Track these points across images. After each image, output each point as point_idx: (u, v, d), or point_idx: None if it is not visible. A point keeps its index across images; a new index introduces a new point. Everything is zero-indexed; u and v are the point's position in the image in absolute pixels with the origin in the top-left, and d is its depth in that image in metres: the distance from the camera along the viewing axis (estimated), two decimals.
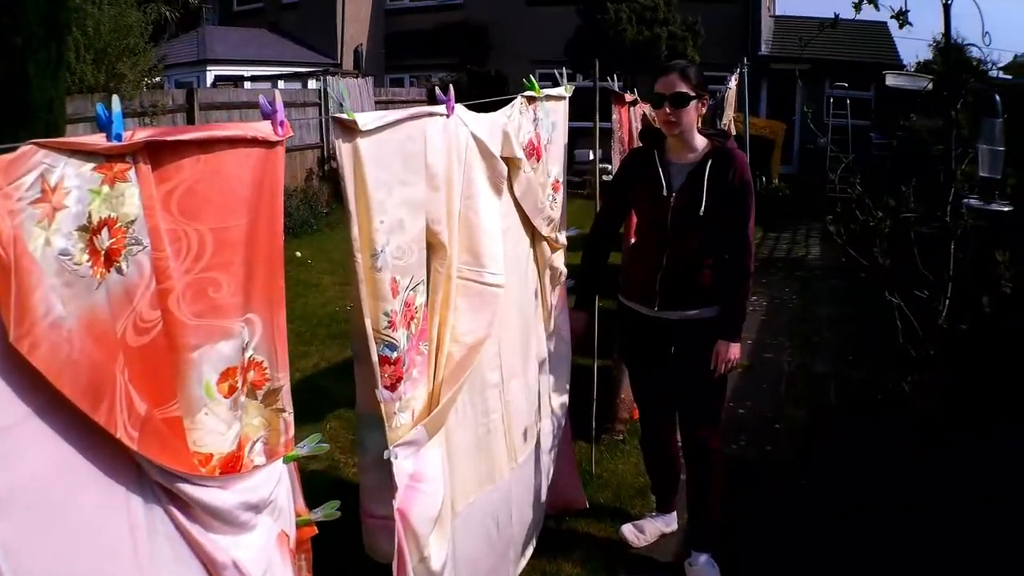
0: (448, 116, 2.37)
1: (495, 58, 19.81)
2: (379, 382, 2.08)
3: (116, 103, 1.37)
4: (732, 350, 3.18)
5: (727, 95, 8.58)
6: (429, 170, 2.27)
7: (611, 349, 4.56)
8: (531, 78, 3.12)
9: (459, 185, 2.47)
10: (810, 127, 16.70)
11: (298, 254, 9.67)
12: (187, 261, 1.52)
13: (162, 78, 12.15)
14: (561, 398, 3.56)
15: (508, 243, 2.82)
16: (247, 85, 16.17)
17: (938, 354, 3.28)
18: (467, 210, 2.55)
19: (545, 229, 3.18)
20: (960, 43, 3.64)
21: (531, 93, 3.06)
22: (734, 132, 7.17)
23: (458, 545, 2.62)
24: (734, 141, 3.30)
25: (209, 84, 17.37)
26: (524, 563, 3.32)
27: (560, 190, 3.34)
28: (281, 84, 16.89)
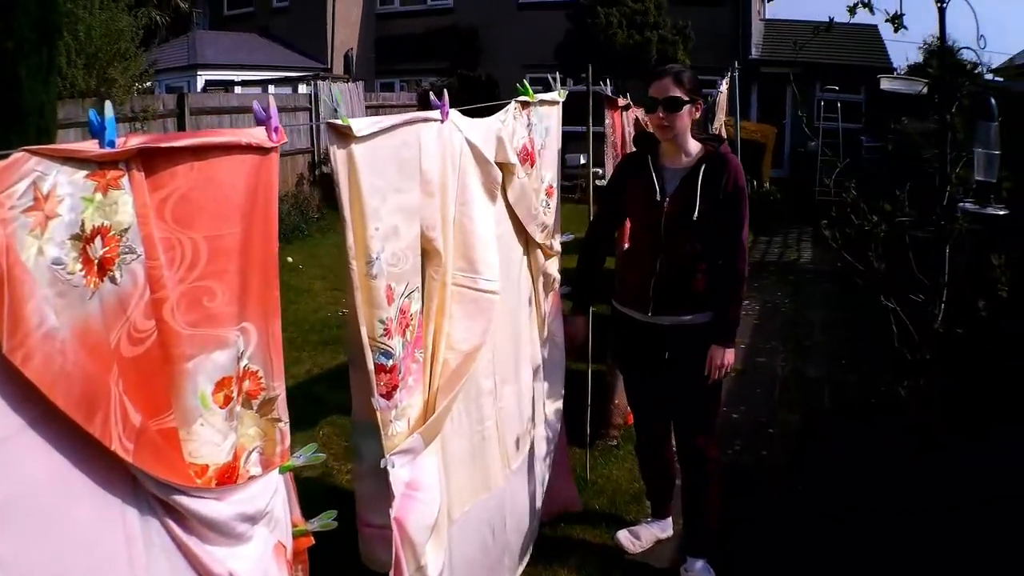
0: (442, 121, 2.36)
1: (485, 62, 19.77)
2: (375, 390, 2.06)
3: (109, 109, 1.34)
4: (726, 355, 3.17)
5: (718, 99, 8.61)
6: (424, 176, 2.26)
7: (605, 354, 4.55)
8: (525, 83, 3.11)
9: (454, 191, 2.46)
10: (801, 131, 16.77)
11: (289, 259, 9.64)
12: (181, 270, 1.50)
13: (153, 83, 12.11)
14: (556, 404, 3.55)
15: (501, 249, 2.81)
16: (237, 90, 16.14)
17: (934, 358, 3.28)
18: (462, 216, 2.54)
19: (539, 236, 3.17)
20: (951, 46, 3.64)
21: (525, 98, 3.05)
22: (725, 136, 7.18)
23: (454, 553, 2.60)
24: (728, 146, 3.30)
25: (199, 89, 17.32)
26: (521, 570, 3.31)
27: (554, 195, 3.33)
28: (271, 89, 16.84)
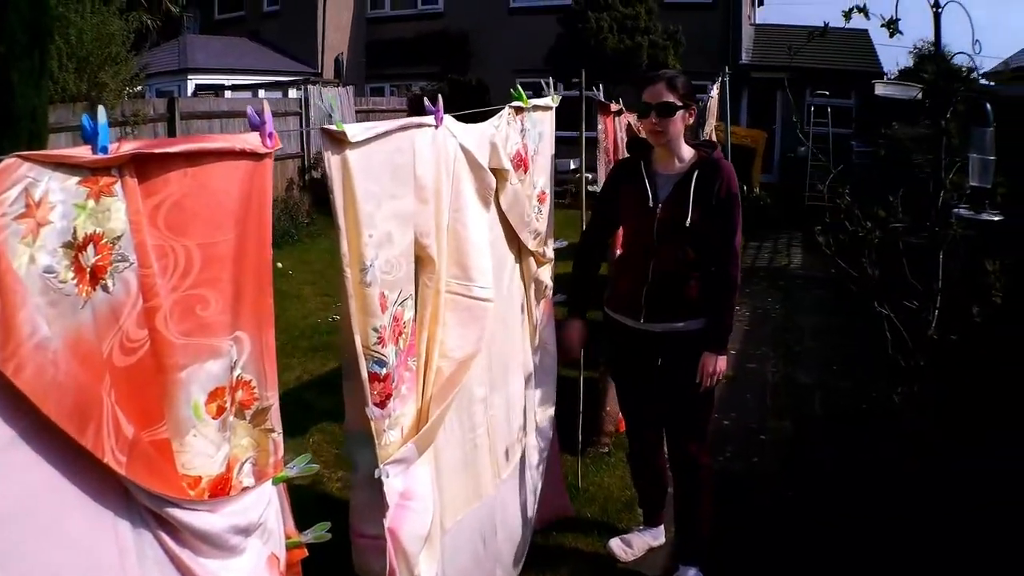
0: (436, 127, 2.35)
1: (476, 67, 19.77)
2: (369, 399, 2.04)
3: (102, 114, 1.32)
4: (719, 362, 3.15)
5: (709, 104, 8.61)
6: (418, 182, 2.24)
7: (597, 361, 4.54)
8: (518, 88, 3.10)
9: (448, 198, 2.44)
10: (791, 136, 16.82)
11: (279, 265, 9.59)
12: (174, 278, 1.48)
13: (143, 87, 12.06)
14: (547, 412, 3.53)
15: (493, 256, 2.79)
16: (227, 94, 16.09)
17: (928, 365, 3.28)
18: (455, 223, 2.52)
19: (531, 243, 3.15)
20: (942, 51, 3.64)
21: (518, 103, 3.03)
22: (715, 141, 7.18)
23: (447, 563, 2.58)
24: (721, 152, 3.29)
25: (190, 93, 17.26)
26: None
27: (546, 202, 3.32)
28: (262, 93, 16.79)
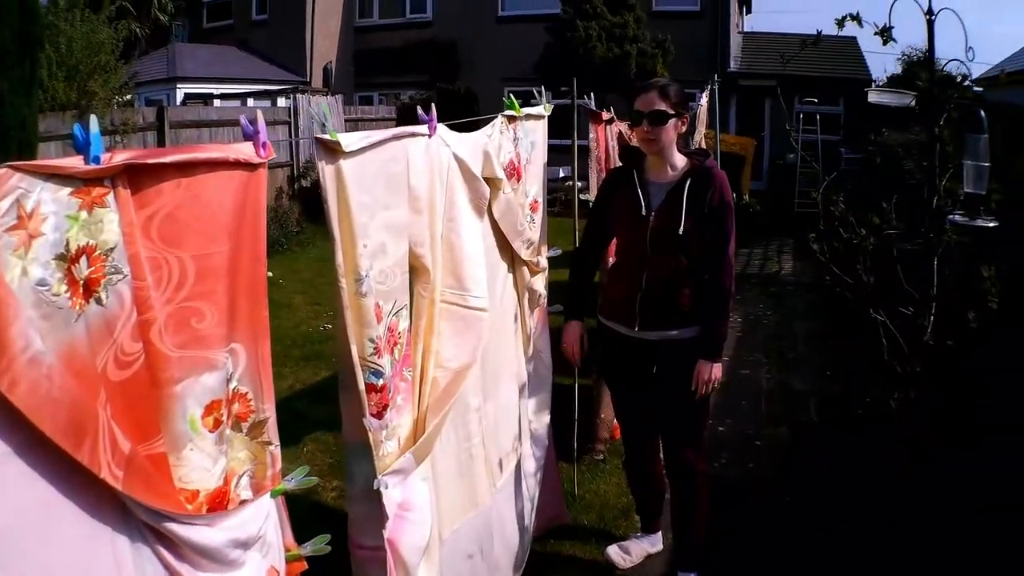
0: (430, 136, 2.34)
1: (464, 75, 19.78)
2: (366, 410, 2.03)
3: (94, 123, 1.30)
4: (714, 370, 3.15)
5: (699, 112, 8.63)
6: (412, 192, 2.23)
7: (591, 368, 4.52)
8: (511, 97, 3.09)
9: (441, 207, 2.43)
10: (779, 143, 16.87)
11: (269, 274, 9.53)
12: (168, 290, 1.47)
13: (132, 95, 12.02)
14: (543, 420, 3.51)
15: (486, 265, 2.78)
16: (216, 103, 16.06)
17: (924, 371, 3.27)
18: (450, 232, 2.51)
19: (525, 252, 3.13)
20: (928, 57, 3.65)
21: (511, 112, 3.03)
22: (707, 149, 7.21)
23: (445, 574, 2.56)
24: (714, 160, 3.28)
25: (179, 102, 17.21)
26: None
27: (539, 210, 3.31)
28: (250, 102, 16.74)
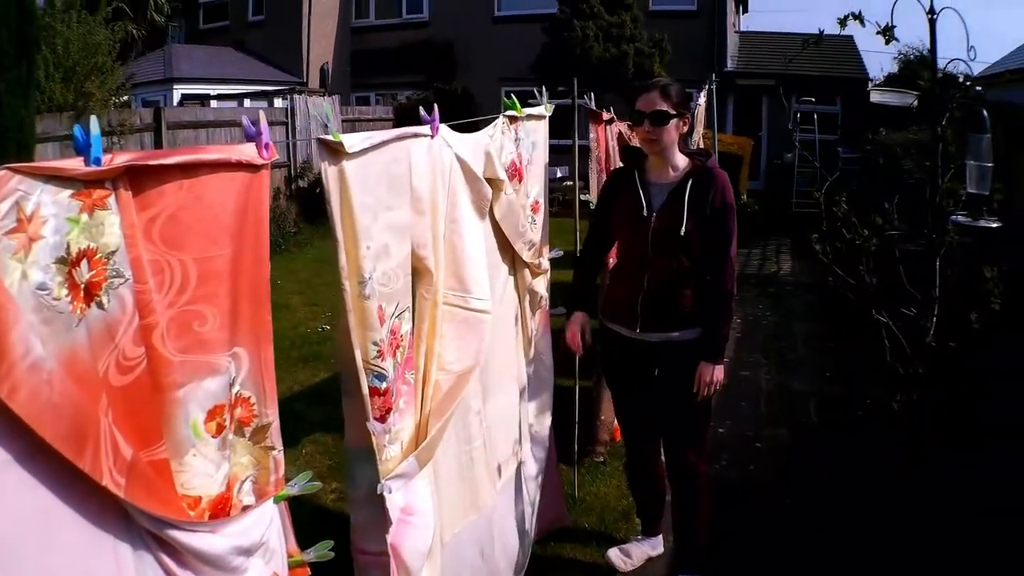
0: (432, 137, 2.32)
1: (461, 76, 19.76)
2: (370, 414, 2.01)
3: (95, 124, 1.28)
4: (716, 372, 3.12)
5: (697, 112, 8.61)
6: (414, 193, 2.21)
7: (591, 369, 4.51)
8: (512, 97, 3.07)
9: (444, 208, 2.41)
10: (776, 142, 16.86)
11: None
12: (170, 294, 1.44)
13: (129, 97, 11.99)
14: (544, 422, 3.49)
15: (487, 266, 2.76)
16: (213, 104, 16.03)
17: (926, 372, 3.26)
18: (452, 234, 2.49)
19: (526, 254, 3.11)
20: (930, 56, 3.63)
21: (513, 113, 3.01)
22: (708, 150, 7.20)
23: None
24: (716, 160, 3.26)
25: (175, 103, 17.17)
26: None
27: (540, 211, 3.28)
28: (247, 103, 16.72)
